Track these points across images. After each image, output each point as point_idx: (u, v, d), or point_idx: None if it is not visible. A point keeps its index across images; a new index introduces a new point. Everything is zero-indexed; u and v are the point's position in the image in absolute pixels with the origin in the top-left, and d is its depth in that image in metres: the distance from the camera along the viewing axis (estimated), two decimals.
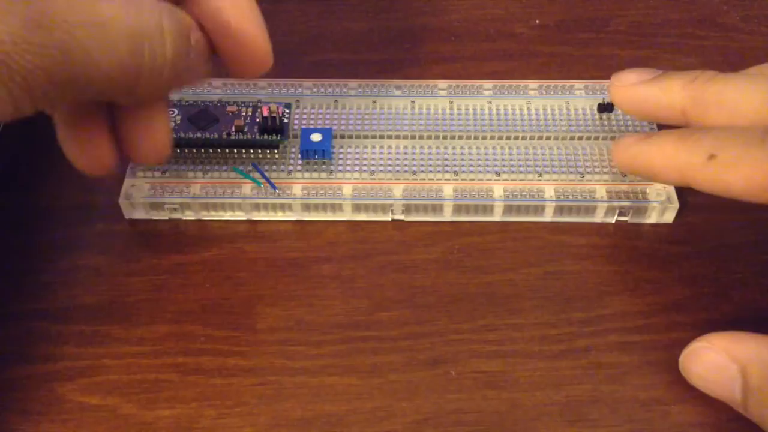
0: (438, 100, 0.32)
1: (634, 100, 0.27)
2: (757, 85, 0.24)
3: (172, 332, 0.26)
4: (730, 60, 0.35)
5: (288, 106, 0.31)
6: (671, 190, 0.29)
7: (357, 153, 0.30)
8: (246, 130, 0.30)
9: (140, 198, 0.29)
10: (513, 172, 0.29)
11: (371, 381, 0.25)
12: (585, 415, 0.24)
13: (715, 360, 0.23)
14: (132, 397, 0.25)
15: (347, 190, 0.29)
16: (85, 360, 0.25)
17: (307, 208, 0.29)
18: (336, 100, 0.32)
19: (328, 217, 0.29)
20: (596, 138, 0.30)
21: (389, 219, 0.29)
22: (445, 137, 0.30)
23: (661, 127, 0.29)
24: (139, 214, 0.29)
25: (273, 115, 0.29)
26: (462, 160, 0.30)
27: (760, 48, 0.36)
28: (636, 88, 0.27)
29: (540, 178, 0.29)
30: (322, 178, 0.29)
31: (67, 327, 0.26)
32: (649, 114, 0.27)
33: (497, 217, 0.29)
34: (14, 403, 0.25)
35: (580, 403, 0.25)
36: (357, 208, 0.29)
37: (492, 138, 0.30)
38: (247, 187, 0.29)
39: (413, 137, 0.30)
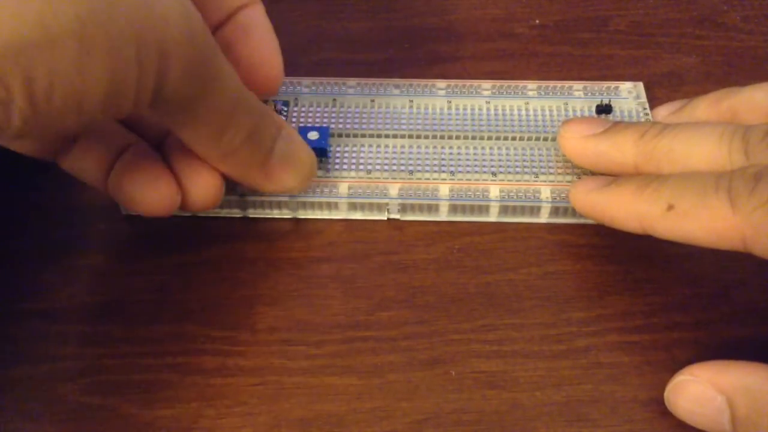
0: (436, 99, 0.32)
1: (586, 155, 0.27)
2: (705, 136, 0.25)
3: (172, 332, 0.26)
4: (730, 60, 0.35)
5: (286, 104, 0.31)
6: None
7: (354, 151, 0.30)
8: None
9: None
10: (509, 172, 0.29)
11: (371, 381, 0.25)
12: (585, 415, 0.24)
13: (701, 392, 0.23)
14: (132, 397, 0.25)
15: (343, 188, 0.29)
16: (85, 360, 0.25)
17: (303, 205, 0.29)
18: (334, 99, 0.32)
19: (324, 215, 0.29)
20: None
21: (385, 218, 0.29)
22: (442, 137, 0.30)
23: None
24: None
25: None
26: (459, 160, 0.30)
27: (760, 48, 0.36)
28: (587, 143, 0.27)
29: (536, 179, 0.29)
30: (318, 176, 0.29)
31: (67, 327, 0.26)
32: (602, 168, 0.27)
33: (493, 217, 0.29)
34: (14, 403, 0.25)
35: (580, 403, 0.25)
36: (353, 206, 0.29)
37: (489, 138, 0.30)
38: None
39: (410, 136, 0.30)
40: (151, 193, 0.25)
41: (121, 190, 0.25)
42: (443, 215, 0.29)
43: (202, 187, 0.26)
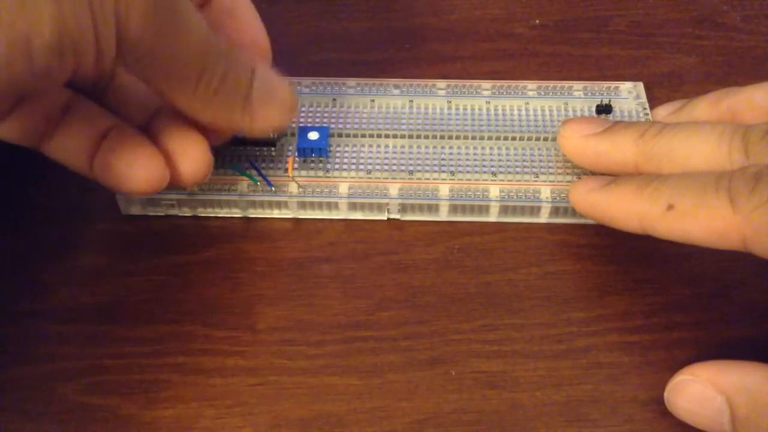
0: (436, 99, 0.32)
1: (586, 155, 0.28)
2: (705, 135, 0.25)
3: (172, 332, 0.26)
4: (730, 60, 0.35)
5: None
6: None
7: (354, 152, 0.30)
8: None
9: None
10: (509, 172, 0.29)
11: (371, 381, 0.25)
12: (585, 415, 0.24)
13: (701, 392, 0.23)
14: (132, 397, 0.25)
15: (343, 188, 0.29)
16: (85, 360, 0.25)
17: (303, 206, 0.29)
18: (334, 99, 0.32)
19: (324, 215, 0.29)
20: None
21: (385, 218, 0.29)
22: (442, 137, 0.30)
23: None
24: (136, 210, 0.29)
25: None
26: (459, 160, 0.30)
27: (760, 48, 0.36)
28: (587, 142, 0.27)
29: (536, 179, 0.29)
30: (318, 176, 0.29)
31: (67, 327, 0.26)
32: (602, 168, 0.27)
33: (493, 217, 0.29)
34: (14, 403, 0.25)
35: (580, 403, 0.25)
36: (353, 206, 0.29)
37: (489, 138, 0.30)
38: (244, 184, 0.29)
39: (410, 136, 0.30)
40: (139, 170, 0.25)
41: (109, 170, 0.25)
42: (443, 215, 0.29)
43: (191, 160, 0.26)
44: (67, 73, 0.20)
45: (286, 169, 0.29)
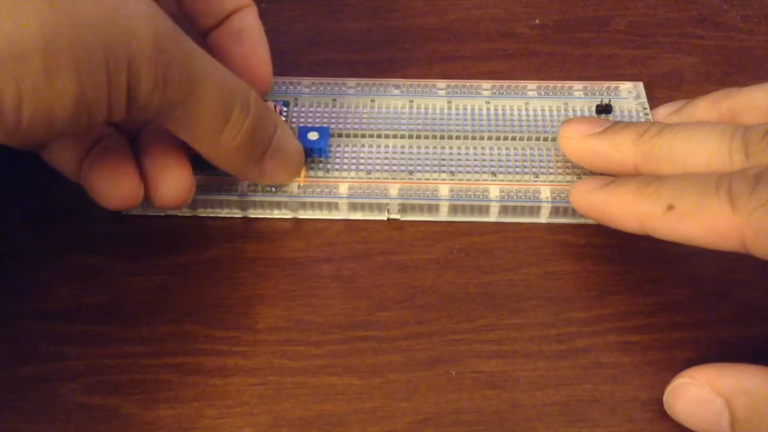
0: (436, 99, 0.32)
1: (585, 154, 0.28)
2: (705, 135, 0.25)
3: (172, 332, 0.26)
4: (730, 60, 0.35)
5: (286, 104, 0.31)
6: None
7: (354, 152, 0.30)
8: None
9: None
10: (509, 172, 0.29)
11: (371, 381, 0.25)
12: (585, 415, 0.24)
13: (699, 394, 0.23)
14: (132, 397, 0.25)
15: (343, 188, 0.29)
16: (85, 360, 0.25)
17: (303, 206, 0.29)
18: (334, 99, 0.32)
19: (324, 215, 0.29)
20: None
21: (385, 218, 0.29)
22: (442, 137, 0.30)
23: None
24: (136, 210, 0.29)
25: None
26: (459, 160, 0.30)
27: (760, 48, 0.36)
28: (586, 142, 0.27)
29: (536, 179, 0.29)
30: (318, 176, 0.29)
31: (67, 327, 0.26)
32: (601, 167, 0.27)
33: (493, 217, 0.29)
34: (14, 403, 0.25)
35: (580, 403, 0.25)
36: (353, 206, 0.29)
37: (489, 138, 0.30)
38: (244, 184, 0.29)
39: (410, 137, 0.30)
40: (113, 188, 0.25)
41: (89, 183, 0.26)
42: (443, 215, 0.29)
43: (171, 186, 0.26)
44: (78, 130, 0.21)
45: None
